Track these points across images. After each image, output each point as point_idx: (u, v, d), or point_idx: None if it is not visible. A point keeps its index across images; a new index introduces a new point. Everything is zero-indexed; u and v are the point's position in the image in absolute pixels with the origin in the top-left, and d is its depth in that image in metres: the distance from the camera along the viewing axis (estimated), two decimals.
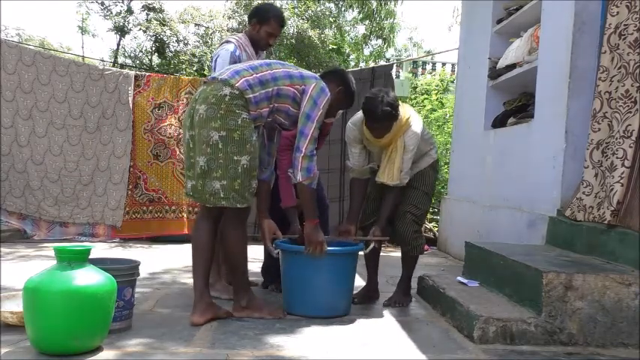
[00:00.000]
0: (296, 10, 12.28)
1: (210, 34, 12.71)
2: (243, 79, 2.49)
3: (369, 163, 3.04)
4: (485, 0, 4.87)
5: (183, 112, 5.49)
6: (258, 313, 2.60)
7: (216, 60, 2.97)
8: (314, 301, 2.70)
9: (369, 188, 3.11)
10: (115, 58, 13.11)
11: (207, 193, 2.48)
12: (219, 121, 2.43)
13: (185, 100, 5.51)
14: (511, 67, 4.28)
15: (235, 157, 2.46)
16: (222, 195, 2.46)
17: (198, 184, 2.50)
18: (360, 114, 2.93)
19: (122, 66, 12.12)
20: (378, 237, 2.90)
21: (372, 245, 2.89)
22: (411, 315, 2.82)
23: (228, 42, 3.04)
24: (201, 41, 12.87)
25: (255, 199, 2.71)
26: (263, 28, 3.09)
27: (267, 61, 2.72)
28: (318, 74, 2.84)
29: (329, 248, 2.66)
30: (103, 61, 13.70)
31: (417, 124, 2.91)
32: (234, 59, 2.93)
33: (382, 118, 2.77)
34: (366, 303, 3.05)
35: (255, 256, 3.63)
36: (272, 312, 2.64)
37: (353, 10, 12.60)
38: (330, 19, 12.78)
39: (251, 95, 2.48)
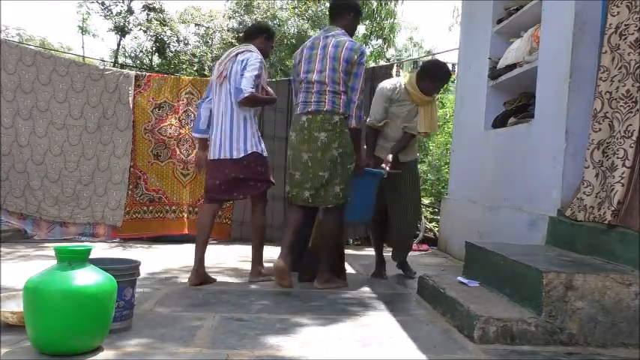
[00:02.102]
0: (296, 10, 12.29)
1: (211, 34, 12.72)
2: (340, 105, 3.21)
3: (385, 118, 3.76)
4: (486, 0, 4.87)
5: (184, 112, 5.50)
6: (335, 284, 3.37)
7: (250, 63, 3.33)
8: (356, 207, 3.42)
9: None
10: (116, 58, 13.13)
11: (330, 196, 3.24)
12: (337, 141, 3.19)
13: (185, 100, 5.52)
14: (511, 67, 4.28)
15: (349, 166, 3.27)
16: (341, 196, 3.25)
17: (321, 192, 3.24)
18: (391, 81, 3.85)
19: (122, 66, 12.13)
20: (394, 170, 3.66)
21: (385, 170, 3.64)
22: (411, 315, 2.82)
23: (250, 51, 3.44)
24: (201, 41, 12.88)
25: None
26: (269, 43, 3.66)
27: (332, 74, 3.21)
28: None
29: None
30: (103, 61, 13.72)
31: None
32: (262, 71, 3.42)
33: (450, 75, 3.82)
34: (378, 278, 3.78)
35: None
36: (341, 284, 3.40)
37: None
38: None
39: (349, 112, 3.22)
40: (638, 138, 2.74)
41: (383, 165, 3.67)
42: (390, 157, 3.71)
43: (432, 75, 3.68)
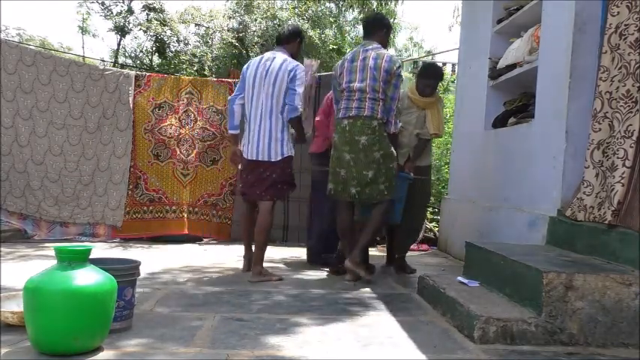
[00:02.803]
0: (296, 10, 12.28)
1: (211, 34, 12.71)
2: (378, 111, 3.49)
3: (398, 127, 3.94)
4: (486, 0, 4.87)
5: (184, 112, 5.50)
6: (363, 272, 3.53)
7: (299, 77, 3.55)
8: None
9: None
10: (116, 58, 13.12)
11: (375, 193, 3.52)
12: (377, 144, 3.48)
13: (185, 100, 5.51)
14: (511, 67, 4.28)
15: (391, 166, 3.55)
16: (386, 193, 3.54)
17: (366, 190, 3.51)
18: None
19: (122, 66, 12.12)
20: (418, 176, 3.97)
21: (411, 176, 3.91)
22: (411, 315, 2.82)
23: (296, 62, 3.65)
24: (201, 41, 12.86)
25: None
26: (300, 47, 3.87)
27: (372, 83, 3.49)
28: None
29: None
30: (103, 61, 13.71)
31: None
32: None
33: (440, 73, 4.14)
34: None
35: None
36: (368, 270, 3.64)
37: (353, 10, 12.61)
38: (331, 19, 12.78)
39: (386, 118, 3.52)
40: (638, 138, 2.74)
41: (406, 170, 3.93)
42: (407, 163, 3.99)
43: (425, 73, 4.03)
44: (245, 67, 3.79)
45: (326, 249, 4.23)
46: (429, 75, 4.03)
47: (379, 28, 3.72)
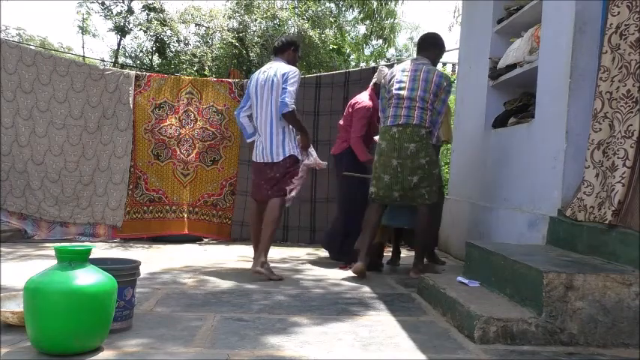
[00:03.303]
0: (296, 10, 12.29)
1: (211, 34, 12.71)
2: (426, 120, 3.67)
3: None
4: (486, 0, 4.87)
5: (184, 112, 5.51)
6: (430, 271, 3.71)
7: (291, 77, 3.69)
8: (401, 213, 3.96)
9: None
10: (116, 58, 13.13)
11: (417, 197, 3.70)
12: (423, 151, 3.65)
13: (185, 100, 5.51)
14: (512, 67, 4.28)
15: (434, 172, 3.75)
16: (427, 197, 3.71)
17: (409, 193, 3.69)
18: None
19: (123, 66, 12.13)
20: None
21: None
22: (411, 315, 2.82)
23: (289, 66, 3.80)
24: (201, 41, 12.87)
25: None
26: (297, 54, 4.00)
27: (422, 94, 3.66)
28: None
29: None
30: (103, 61, 13.73)
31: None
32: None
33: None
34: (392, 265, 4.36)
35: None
36: (436, 269, 3.97)
37: (353, 10, 12.62)
38: (331, 19, 12.78)
39: (432, 128, 3.72)
40: (638, 138, 2.74)
41: None
42: None
43: None
44: (249, 81, 4.01)
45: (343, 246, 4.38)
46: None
47: (433, 46, 3.93)
